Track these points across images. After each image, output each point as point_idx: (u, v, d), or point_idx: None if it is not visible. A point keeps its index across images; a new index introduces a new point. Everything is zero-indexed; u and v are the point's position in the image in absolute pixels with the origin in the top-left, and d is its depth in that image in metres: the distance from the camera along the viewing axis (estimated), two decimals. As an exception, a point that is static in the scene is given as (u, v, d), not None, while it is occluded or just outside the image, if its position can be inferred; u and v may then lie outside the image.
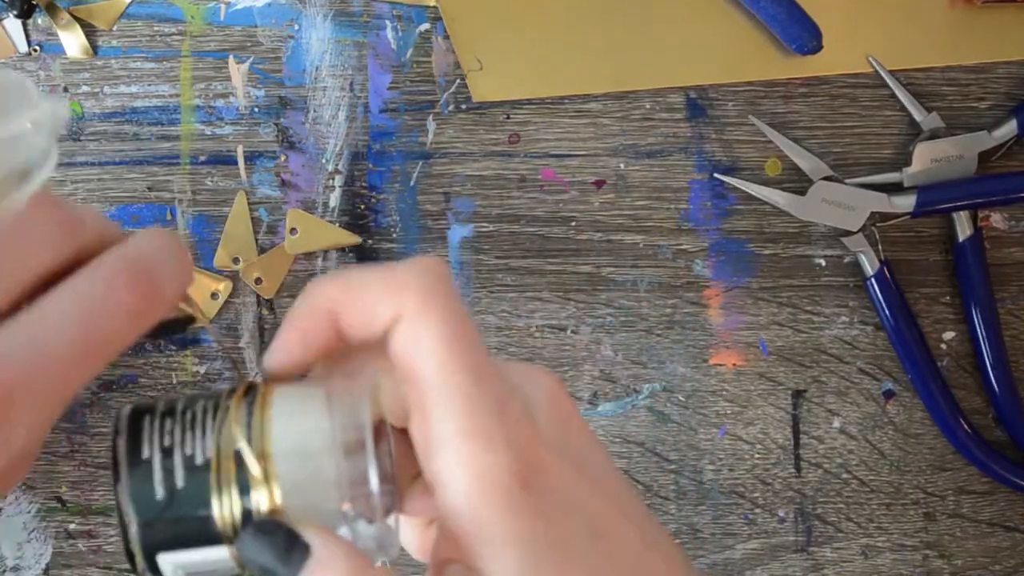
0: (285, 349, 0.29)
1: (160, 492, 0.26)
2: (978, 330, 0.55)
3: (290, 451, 0.27)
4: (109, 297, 0.25)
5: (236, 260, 0.55)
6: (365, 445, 0.27)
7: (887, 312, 0.55)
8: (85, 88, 0.55)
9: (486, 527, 0.27)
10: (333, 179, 0.55)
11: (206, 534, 0.26)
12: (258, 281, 0.55)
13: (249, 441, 0.27)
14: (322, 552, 0.27)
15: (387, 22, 0.55)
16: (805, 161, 0.55)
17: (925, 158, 0.54)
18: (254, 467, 0.27)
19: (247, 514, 0.27)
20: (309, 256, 0.55)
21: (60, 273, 0.26)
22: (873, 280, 0.54)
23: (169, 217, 0.55)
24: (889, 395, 0.56)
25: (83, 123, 0.55)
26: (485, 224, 0.55)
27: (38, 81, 0.54)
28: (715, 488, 0.56)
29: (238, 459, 0.27)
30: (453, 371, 0.27)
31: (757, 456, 0.56)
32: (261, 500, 0.26)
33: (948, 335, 0.56)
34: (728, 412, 0.56)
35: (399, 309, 0.27)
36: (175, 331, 0.29)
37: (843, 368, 0.56)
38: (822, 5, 0.54)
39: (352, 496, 0.27)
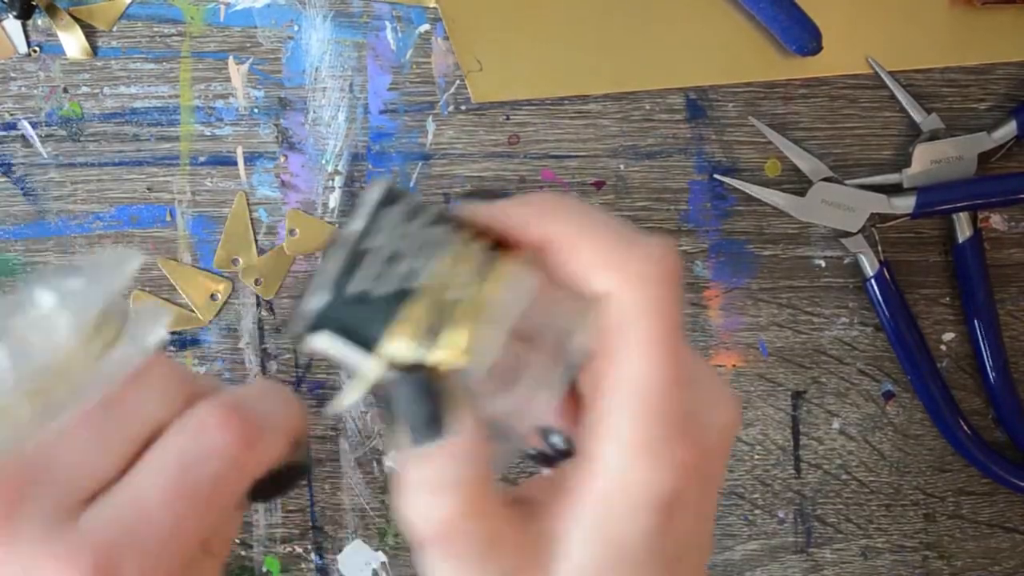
0: (482, 220, 0.28)
1: (361, 286, 0.26)
2: (978, 331, 0.55)
3: (490, 330, 0.26)
4: (201, 439, 0.25)
5: (235, 261, 0.55)
6: (568, 360, 0.26)
7: (887, 313, 0.55)
8: (85, 89, 0.55)
9: (588, 535, 0.27)
10: (333, 180, 0.55)
11: (370, 345, 0.26)
12: (257, 282, 0.55)
13: (469, 289, 0.26)
14: (459, 441, 0.26)
15: (387, 23, 0.55)
16: (805, 162, 0.55)
17: (925, 159, 0.54)
18: (459, 328, 0.26)
19: (421, 360, 0.26)
20: (309, 257, 0.55)
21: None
22: (873, 281, 0.54)
23: (169, 218, 0.55)
24: (889, 396, 0.56)
25: (83, 124, 0.55)
26: (485, 225, 0.55)
27: (38, 82, 0.54)
28: (715, 489, 0.56)
29: (441, 306, 0.26)
30: (650, 377, 0.26)
31: (757, 457, 0.56)
32: (441, 356, 0.26)
33: (948, 336, 0.56)
34: (728, 413, 0.56)
35: (615, 289, 0.27)
36: (286, 483, 0.29)
37: (843, 369, 0.56)
38: (822, 6, 0.54)
39: (521, 400, 0.26)
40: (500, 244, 0.27)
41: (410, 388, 0.26)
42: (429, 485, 0.26)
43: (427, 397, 0.26)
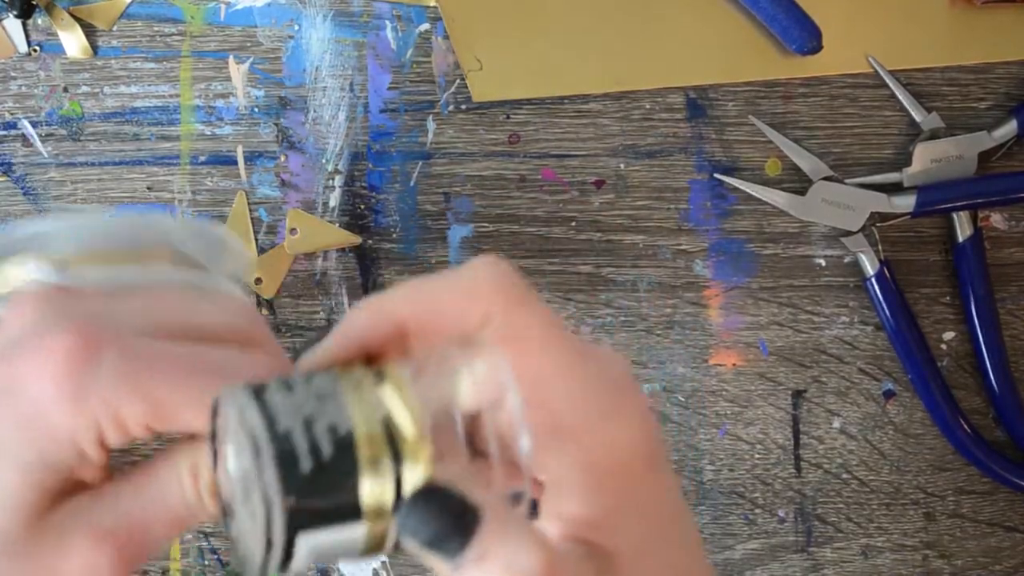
0: (335, 354, 0.28)
1: (307, 465, 0.24)
2: (978, 330, 0.55)
3: (431, 423, 0.25)
4: None
5: (236, 260, 0.55)
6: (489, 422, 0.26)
7: (887, 312, 0.55)
8: (85, 88, 0.55)
9: (615, 503, 0.27)
10: (333, 179, 0.55)
11: (351, 509, 0.25)
12: (258, 281, 0.55)
13: (389, 404, 0.25)
14: (496, 517, 0.25)
15: (387, 22, 0.55)
16: (805, 161, 0.55)
17: (925, 158, 0.54)
18: (410, 432, 0.25)
19: (398, 484, 0.25)
20: (309, 256, 0.55)
21: None
22: (873, 280, 0.54)
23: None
24: (889, 395, 0.56)
25: (83, 123, 0.55)
26: (485, 224, 0.55)
27: (38, 81, 0.54)
28: (715, 488, 0.56)
29: (386, 427, 0.25)
30: (566, 357, 0.27)
31: (757, 456, 0.56)
32: (418, 468, 0.25)
33: (948, 335, 0.56)
34: (728, 412, 0.56)
35: (488, 311, 0.27)
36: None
37: (843, 368, 0.56)
38: (822, 5, 0.53)
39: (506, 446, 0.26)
40: (366, 361, 0.28)
41: (423, 506, 0.25)
42: (503, 572, 0.24)
43: (442, 502, 0.25)
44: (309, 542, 0.24)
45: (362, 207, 0.55)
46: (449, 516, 0.25)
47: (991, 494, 0.57)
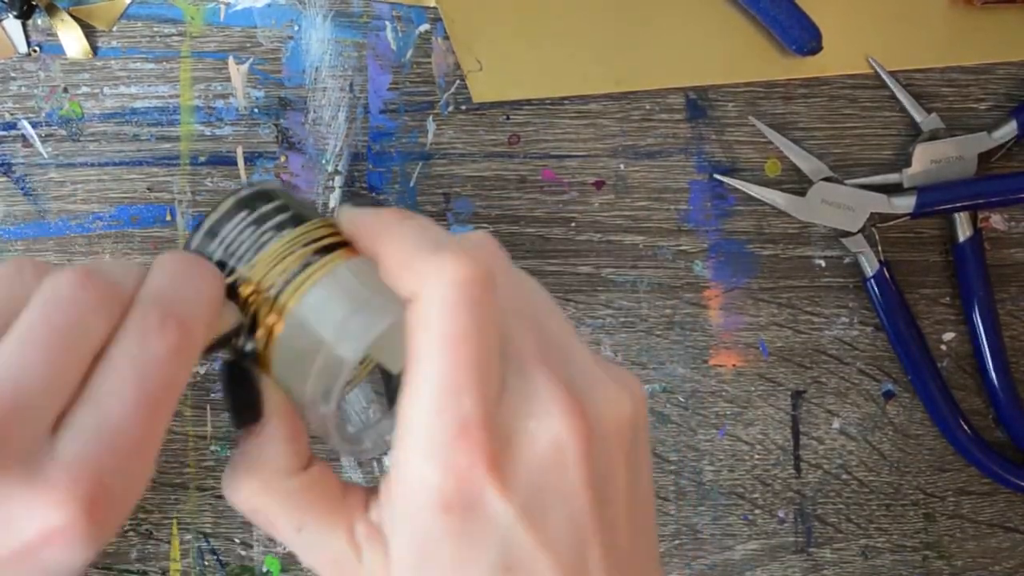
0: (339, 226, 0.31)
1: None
2: (978, 331, 0.55)
3: (303, 325, 0.28)
4: (149, 348, 0.26)
5: (236, 261, 0.55)
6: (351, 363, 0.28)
7: (887, 313, 0.55)
8: (85, 89, 0.55)
9: (398, 527, 0.28)
10: (333, 180, 0.55)
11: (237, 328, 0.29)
12: (258, 282, 0.55)
13: (284, 287, 0.28)
14: (269, 428, 0.29)
15: (387, 23, 0.55)
16: (805, 162, 0.55)
17: (925, 159, 0.54)
18: (269, 320, 0.28)
19: (243, 350, 0.29)
20: (309, 257, 0.55)
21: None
22: (873, 281, 0.54)
23: (169, 218, 0.55)
24: (889, 396, 0.56)
25: (83, 124, 0.55)
26: (485, 225, 0.55)
27: (38, 82, 0.54)
28: (715, 489, 0.56)
29: (264, 300, 0.28)
30: (431, 380, 0.27)
31: (757, 457, 0.56)
32: (257, 345, 0.28)
33: (948, 336, 0.56)
34: (728, 413, 0.56)
35: (416, 290, 0.27)
36: (226, 342, 0.30)
37: (843, 369, 0.56)
38: (822, 6, 0.54)
39: (324, 395, 0.28)
40: (342, 244, 0.30)
41: (226, 375, 0.29)
42: (241, 465, 0.29)
43: (240, 384, 0.29)
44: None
45: (362, 208, 0.55)
46: (238, 399, 0.29)
47: (991, 495, 0.57)
